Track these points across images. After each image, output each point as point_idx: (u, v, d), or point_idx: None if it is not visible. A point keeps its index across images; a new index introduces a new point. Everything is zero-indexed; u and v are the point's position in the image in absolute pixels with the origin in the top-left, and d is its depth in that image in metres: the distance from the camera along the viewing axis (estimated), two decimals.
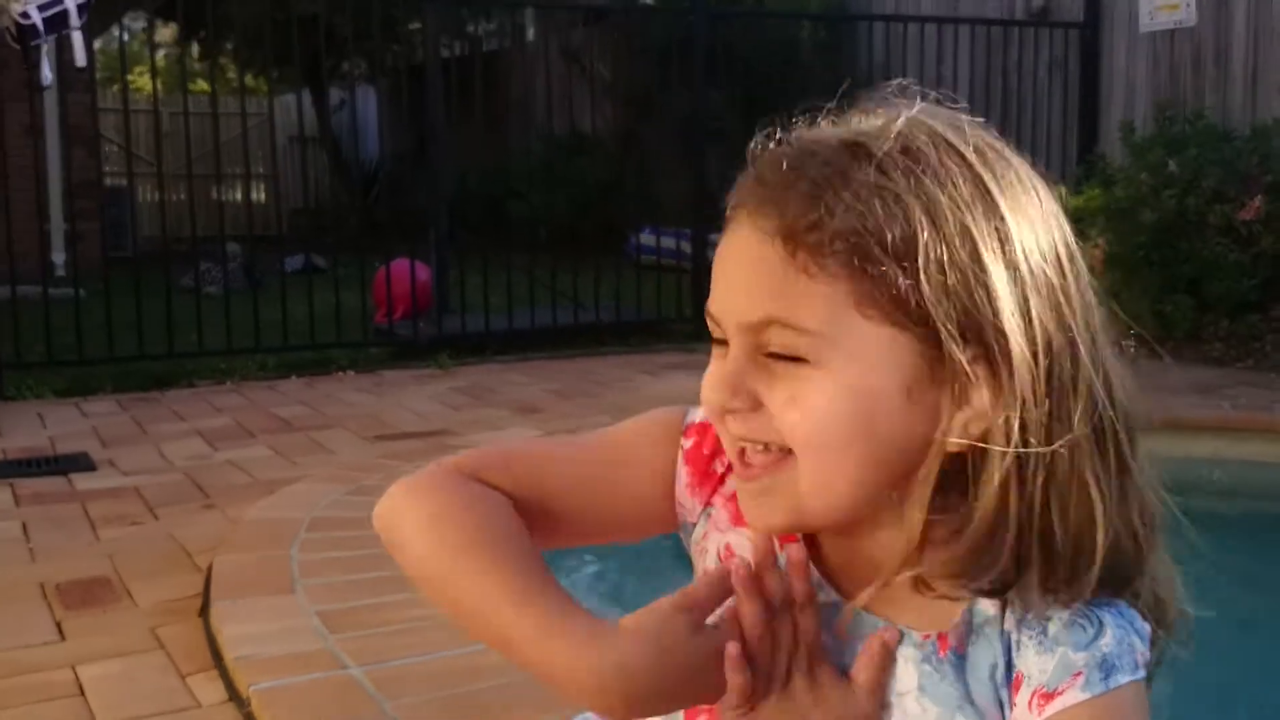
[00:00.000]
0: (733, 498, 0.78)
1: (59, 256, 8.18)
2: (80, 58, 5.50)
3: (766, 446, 0.69)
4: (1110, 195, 5.44)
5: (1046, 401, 0.66)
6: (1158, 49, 6.41)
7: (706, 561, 0.80)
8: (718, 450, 0.79)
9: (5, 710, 1.88)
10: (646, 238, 7.07)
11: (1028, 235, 0.68)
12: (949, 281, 0.64)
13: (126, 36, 7.46)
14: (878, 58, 7.04)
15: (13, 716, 1.86)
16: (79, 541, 2.78)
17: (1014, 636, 0.69)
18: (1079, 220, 6.03)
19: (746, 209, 0.69)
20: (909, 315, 0.65)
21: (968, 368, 0.65)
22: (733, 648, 0.70)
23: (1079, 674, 0.67)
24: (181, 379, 4.98)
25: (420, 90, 6.66)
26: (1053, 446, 0.66)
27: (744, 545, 0.76)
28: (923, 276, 0.64)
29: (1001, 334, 0.65)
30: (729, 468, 0.77)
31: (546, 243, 7.03)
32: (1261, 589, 3.12)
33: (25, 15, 5.21)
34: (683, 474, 0.80)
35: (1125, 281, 5.37)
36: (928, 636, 0.71)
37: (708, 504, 0.80)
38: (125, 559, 2.61)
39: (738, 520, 0.77)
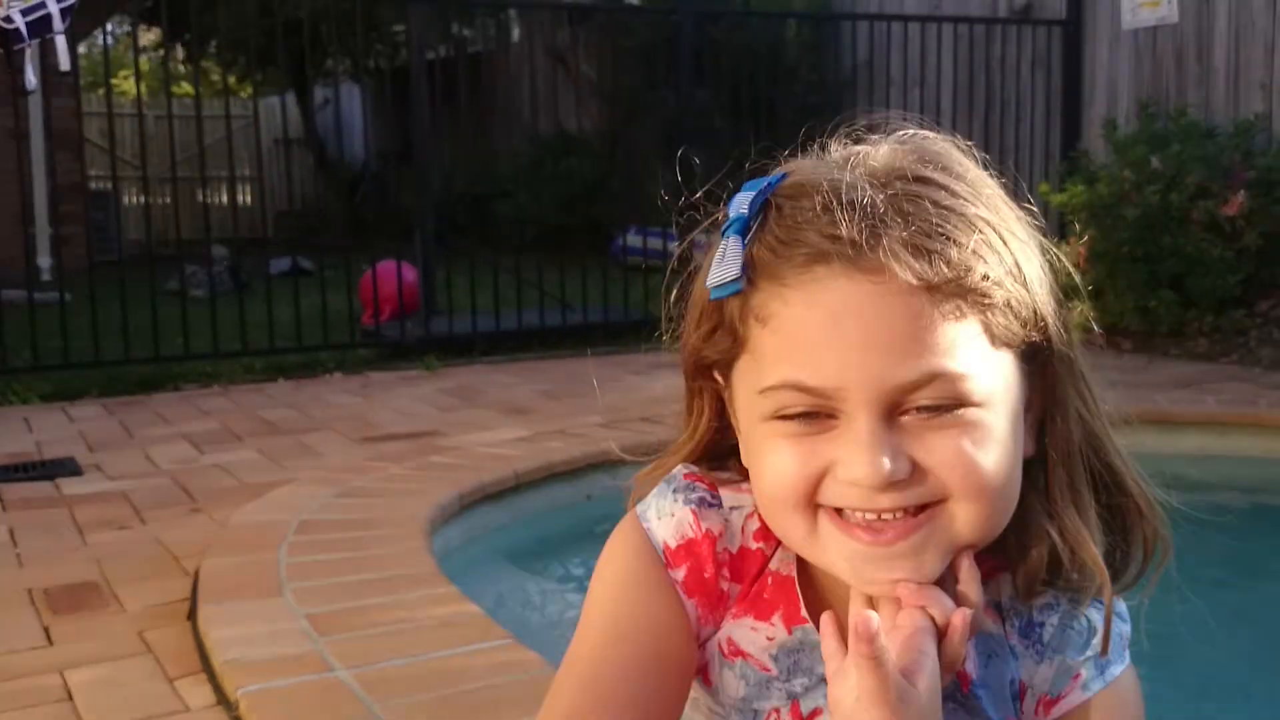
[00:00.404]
0: (746, 602, 0.73)
1: (44, 261, 8.14)
2: (64, 62, 5.46)
3: (906, 508, 0.66)
4: (1093, 192, 5.47)
5: (1084, 395, 0.71)
6: (1140, 46, 6.45)
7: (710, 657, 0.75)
8: (715, 566, 0.73)
9: None
10: (633, 238, 7.08)
11: (1033, 247, 0.72)
12: (1033, 299, 0.68)
13: (110, 40, 7.43)
14: (862, 56, 7.06)
15: None
16: (66, 546, 2.77)
17: (1017, 649, 0.71)
18: (1062, 217, 6.10)
19: (847, 262, 0.64)
20: (1012, 337, 0.68)
21: (1056, 371, 0.70)
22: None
23: (1078, 676, 0.70)
24: (168, 382, 4.97)
25: (405, 91, 6.65)
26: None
27: (754, 640, 0.73)
28: (1030, 296, 0.68)
29: (1049, 341, 0.69)
30: (731, 576, 0.73)
31: (533, 243, 7.03)
32: (1249, 582, 3.15)
33: (8, 19, 5.18)
34: (691, 610, 0.74)
35: (1109, 278, 5.40)
36: (949, 679, 0.68)
37: (718, 626, 0.75)
38: (113, 563, 2.61)
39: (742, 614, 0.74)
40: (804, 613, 0.73)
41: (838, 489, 0.66)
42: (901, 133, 0.71)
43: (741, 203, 0.69)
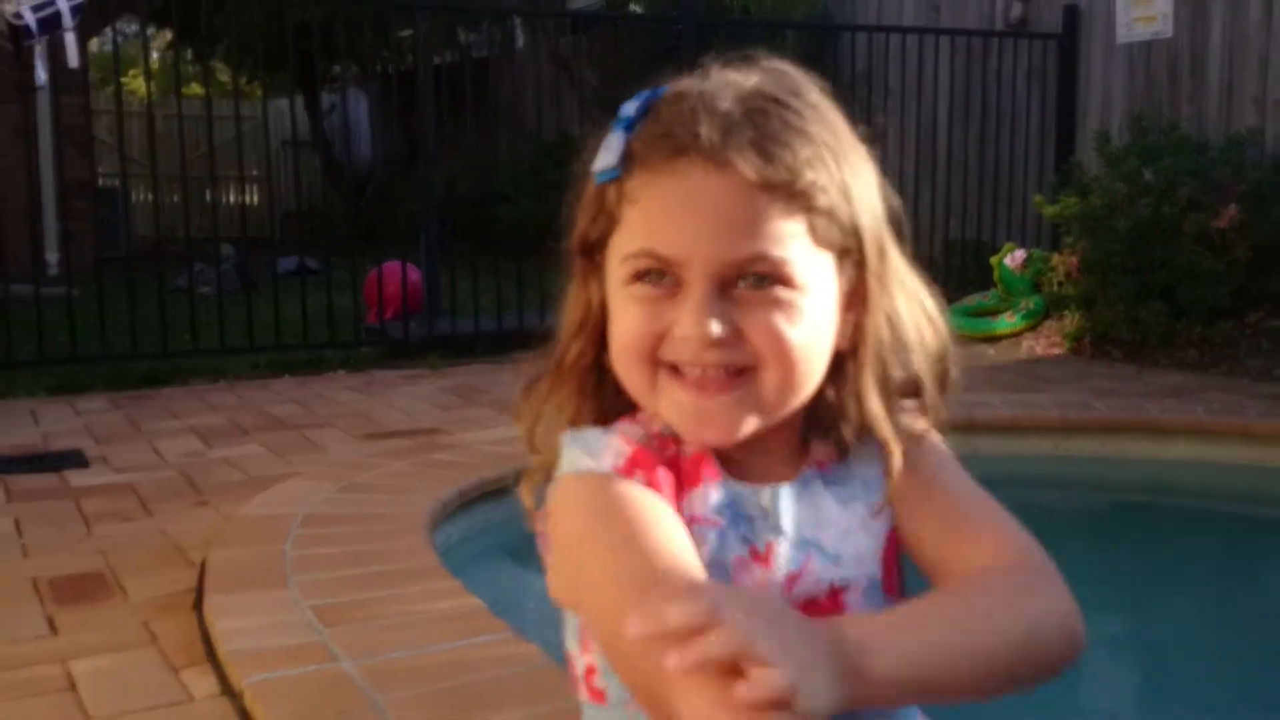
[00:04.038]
0: (682, 478, 0.84)
1: (52, 256, 8.20)
2: (74, 58, 5.53)
3: (727, 368, 0.79)
4: (1086, 203, 5.52)
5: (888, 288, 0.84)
6: (1134, 60, 6.50)
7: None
8: (657, 463, 0.82)
9: None
10: None
11: (866, 174, 0.84)
12: (857, 211, 0.81)
13: (121, 39, 7.49)
14: (860, 66, 7.11)
15: (4, 712, 1.85)
16: (72, 537, 2.78)
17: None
18: (1056, 228, 6.15)
19: (703, 156, 0.77)
20: (837, 243, 0.80)
21: (867, 281, 0.83)
22: None
23: (892, 455, 0.85)
24: (175, 378, 5.01)
25: (411, 95, 6.71)
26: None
27: (699, 504, 0.84)
28: (851, 209, 0.80)
29: (863, 252, 0.82)
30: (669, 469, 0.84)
31: (535, 246, 7.08)
32: (1236, 589, 3.19)
33: (18, 16, 5.24)
34: (667, 488, 0.82)
35: (1101, 288, 5.45)
36: (810, 468, 0.86)
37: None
38: (118, 555, 2.62)
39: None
40: (719, 467, 0.84)
41: (674, 345, 0.79)
42: (773, 66, 0.84)
43: (629, 106, 0.81)
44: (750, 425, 0.81)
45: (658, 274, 0.79)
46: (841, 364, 0.84)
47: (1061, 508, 3.89)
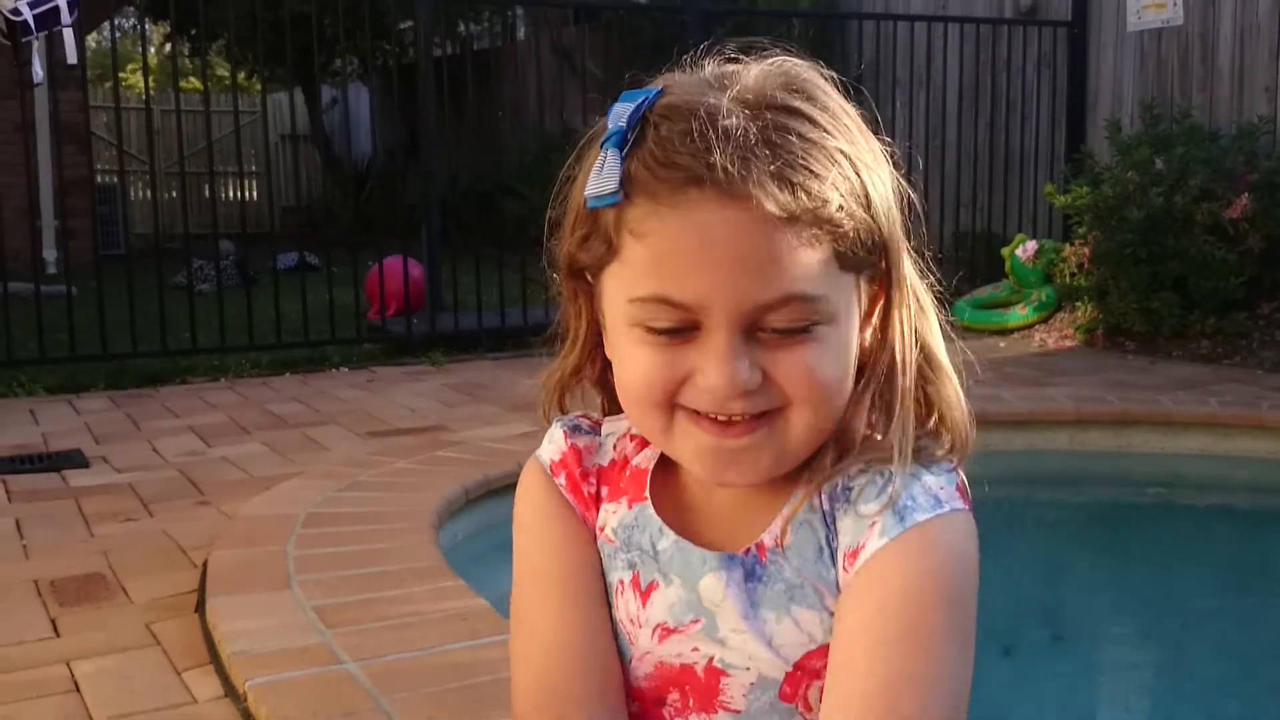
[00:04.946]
0: (613, 491, 0.82)
1: (50, 254, 8.16)
2: (72, 54, 5.48)
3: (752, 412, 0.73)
4: (1098, 193, 5.47)
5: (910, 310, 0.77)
6: (1145, 48, 6.45)
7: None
8: (582, 473, 0.83)
9: (0, 707, 1.88)
10: None
11: (883, 172, 0.76)
12: (879, 222, 0.73)
13: (118, 34, 7.45)
14: (868, 55, 7.06)
15: (7, 713, 1.85)
16: (73, 538, 2.78)
17: (832, 515, 0.75)
18: (1066, 218, 6.10)
19: (718, 189, 0.68)
20: (858, 261, 0.73)
21: (888, 291, 0.76)
22: None
23: (874, 525, 0.73)
24: (175, 376, 4.98)
25: (412, 88, 6.66)
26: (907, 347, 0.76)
27: (607, 517, 0.81)
28: (874, 221, 0.73)
29: (889, 265, 0.75)
30: (599, 483, 0.82)
31: (538, 240, 7.04)
32: (1249, 582, 3.16)
33: (16, 12, 5.20)
34: (576, 507, 0.83)
35: (1112, 278, 5.41)
36: (747, 551, 0.76)
37: (596, 526, 0.82)
38: (120, 555, 2.61)
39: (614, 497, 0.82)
40: (646, 493, 0.80)
41: (695, 394, 0.72)
42: (771, 59, 0.76)
43: (619, 115, 0.72)
44: (774, 465, 0.74)
45: (673, 324, 0.71)
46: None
47: (1077, 502, 3.85)
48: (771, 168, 0.69)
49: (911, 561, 0.71)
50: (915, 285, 0.78)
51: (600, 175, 0.71)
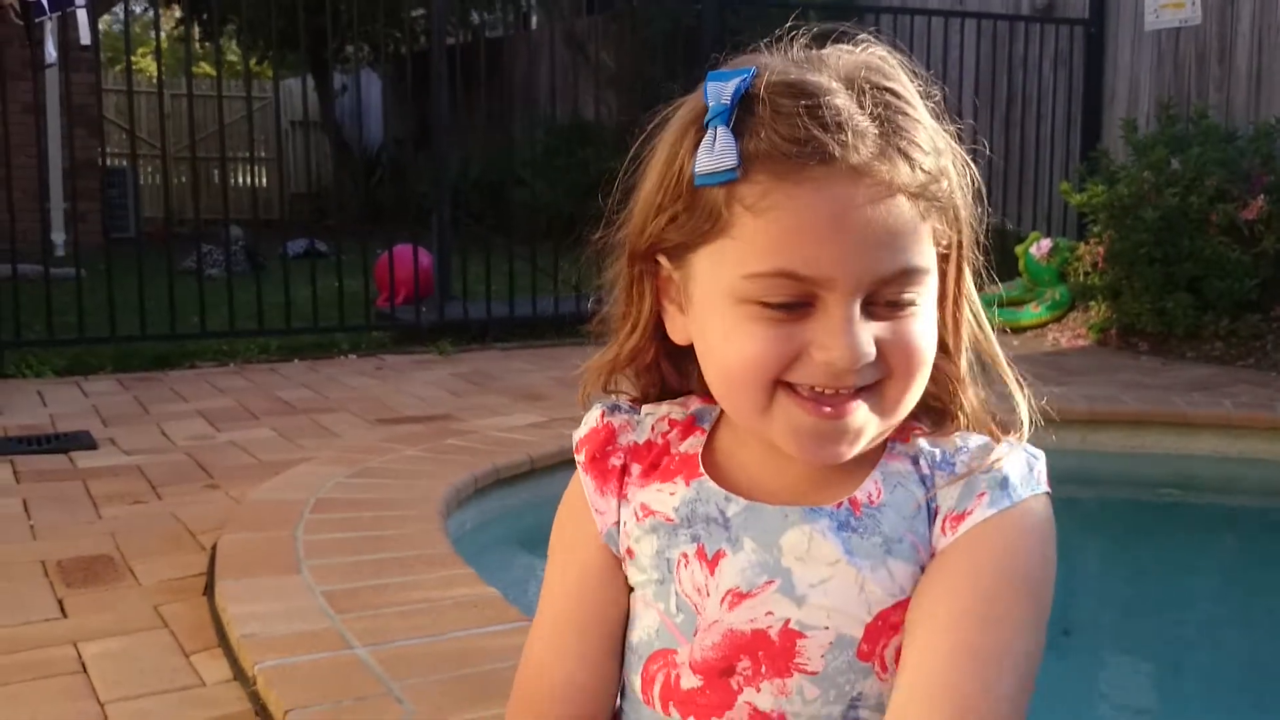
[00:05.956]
0: (656, 474, 0.82)
1: (59, 236, 8.16)
2: (85, 36, 5.48)
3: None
4: (1113, 192, 5.45)
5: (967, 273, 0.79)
6: (1162, 47, 6.41)
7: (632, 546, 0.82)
8: (609, 444, 0.83)
9: (6, 687, 1.86)
10: None
11: (954, 154, 0.78)
12: (957, 205, 0.76)
13: (131, 17, 7.44)
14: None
15: (14, 693, 1.84)
16: (80, 519, 2.77)
17: (931, 479, 0.77)
18: (1081, 216, 6.07)
19: (848, 164, 0.69)
20: (945, 237, 0.75)
21: (961, 265, 0.78)
22: None
23: (982, 494, 0.75)
24: (183, 360, 4.98)
25: (424, 76, 6.64)
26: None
27: (660, 499, 0.80)
28: (953, 203, 0.75)
29: (963, 243, 0.77)
30: (629, 458, 0.82)
31: (548, 230, 7.03)
32: (1261, 583, 3.14)
33: None
34: (588, 485, 0.83)
35: (1127, 278, 5.38)
36: (839, 505, 0.77)
37: (622, 495, 0.82)
38: (128, 537, 2.61)
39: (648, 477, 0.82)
40: (700, 469, 0.80)
41: (810, 369, 0.72)
42: (859, 48, 0.77)
43: (720, 92, 0.72)
44: (866, 442, 0.75)
45: (791, 298, 0.71)
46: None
47: (1089, 501, 3.83)
48: (898, 143, 0.71)
49: (1010, 538, 0.74)
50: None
51: (714, 152, 0.71)
